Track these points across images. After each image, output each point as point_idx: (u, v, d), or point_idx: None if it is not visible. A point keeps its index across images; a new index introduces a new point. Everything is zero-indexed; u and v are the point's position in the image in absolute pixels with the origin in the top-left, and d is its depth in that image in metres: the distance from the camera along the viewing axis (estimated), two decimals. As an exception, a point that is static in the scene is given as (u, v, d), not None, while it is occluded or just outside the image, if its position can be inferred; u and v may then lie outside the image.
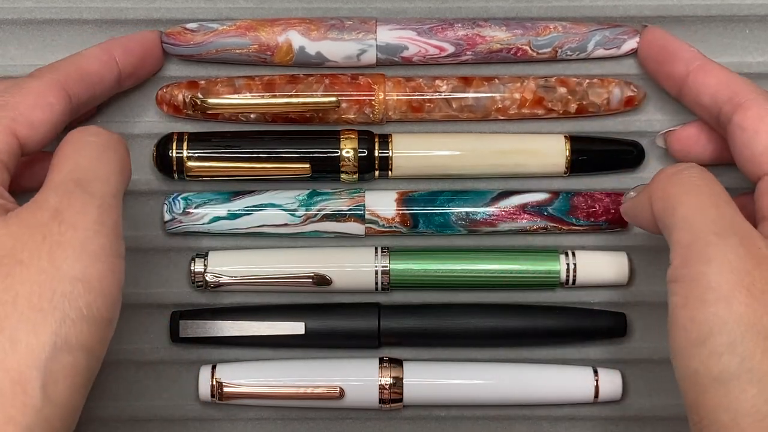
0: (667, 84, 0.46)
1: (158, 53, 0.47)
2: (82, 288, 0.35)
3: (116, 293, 0.37)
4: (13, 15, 0.47)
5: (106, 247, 0.36)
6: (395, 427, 0.48)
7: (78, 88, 0.43)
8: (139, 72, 0.46)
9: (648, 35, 0.46)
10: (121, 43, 0.45)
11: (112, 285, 0.36)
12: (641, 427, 0.48)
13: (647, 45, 0.46)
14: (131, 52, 0.45)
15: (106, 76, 0.44)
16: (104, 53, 0.45)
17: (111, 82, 0.45)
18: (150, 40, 0.46)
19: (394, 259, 0.47)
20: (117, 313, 0.37)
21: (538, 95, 0.46)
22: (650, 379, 0.48)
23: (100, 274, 0.36)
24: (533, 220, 0.47)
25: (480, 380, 0.47)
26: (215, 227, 0.47)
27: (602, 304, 0.48)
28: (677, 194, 0.39)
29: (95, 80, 0.44)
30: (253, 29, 0.46)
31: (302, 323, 0.46)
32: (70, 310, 0.35)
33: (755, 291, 0.35)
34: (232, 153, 0.46)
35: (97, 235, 0.36)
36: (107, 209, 0.37)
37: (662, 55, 0.45)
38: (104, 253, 0.36)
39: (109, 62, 0.45)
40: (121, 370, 0.48)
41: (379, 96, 0.46)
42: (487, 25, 0.46)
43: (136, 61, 0.45)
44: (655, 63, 0.46)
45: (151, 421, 0.48)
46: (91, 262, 0.36)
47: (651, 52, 0.46)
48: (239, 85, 0.46)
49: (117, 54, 0.45)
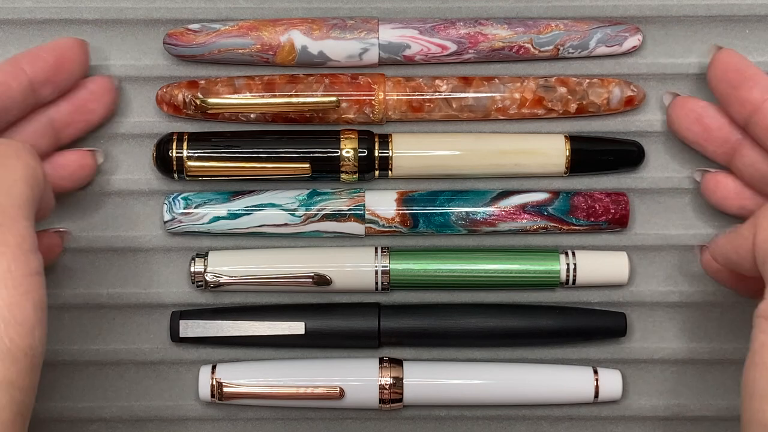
0: (737, 109, 0.44)
1: (76, 58, 0.45)
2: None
3: (33, 317, 0.34)
4: (13, 15, 0.47)
5: (13, 270, 0.34)
6: (395, 427, 0.48)
7: None
8: (56, 78, 0.45)
9: (723, 57, 0.45)
10: (30, 52, 0.44)
11: (27, 309, 0.34)
12: (641, 427, 0.48)
13: (722, 66, 0.45)
14: (41, 59, 0.44)
15: (13, 84, 0.43)
16: (9, 64, 0.44)
17: (21, 89, 0.43)
18: (64, 47, 0.45)
19: (394, 259, 0.47)
20: (38, 338, 0.35)
21: (538, 95, 0.46)
22: (650, 379, 0.48)
23: (9, 301, 0.34)
24: (533, 220, 0.47)
25: (480, 380, 0.47)
26: (215, 227, 0.47)
27: (602, 304, 0.48)
28: None
29: (1, 90, 0.42)
30: (255, 29, 0.46)
31: (302, 323, 0.46)
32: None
33: None
34: (232, 153, 0.46)
35: (1, 258, 0.34)
36: (10, 225, 0.35)
37: (737, 79, 0.44)
38: (11, 276, 0.34)
39: (15, 72, 0.43)
40: (121, 370, 0.48)
41: (379, 96, 0.46)
42: (489, 24, 0.46)
43: (49, 67, 0.44)
44: (727, 86, 0.45)
45: (151, 421, 0.48)
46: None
47: (725, 75, 0.45)
48: (239, 84, 0.46)
49: (24, 63, 0.44)
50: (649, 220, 0.48)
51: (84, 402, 0.48)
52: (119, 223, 0.47)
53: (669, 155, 0.47)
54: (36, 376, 0.35)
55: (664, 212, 0.48)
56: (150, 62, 0.47)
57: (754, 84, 0.44)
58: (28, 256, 0.35)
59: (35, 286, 0.35)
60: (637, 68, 0.47)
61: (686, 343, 0.48)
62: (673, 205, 0.48)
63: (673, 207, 0.48)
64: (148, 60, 0.47)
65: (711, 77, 0.45)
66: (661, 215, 0.48)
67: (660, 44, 0.47)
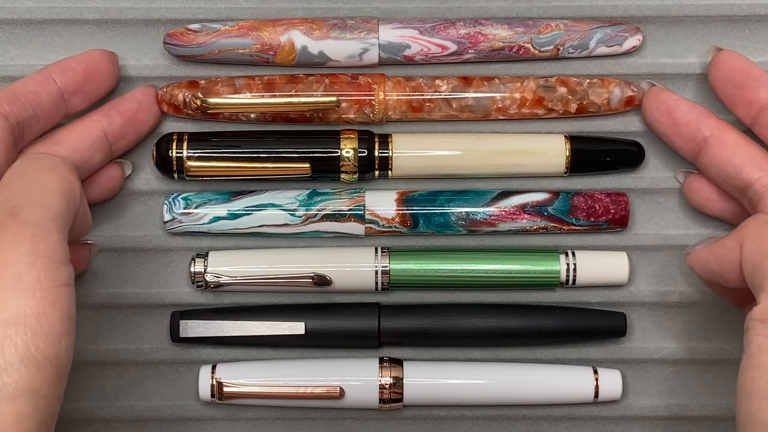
0: (743, 110, 0.45)
1: (105, 69, 0.46)
2: (17, 329, 0.33)
3: (60, 327, 0.35)
4: (13, 15, 0.47)
5: (42, 280, 0.34)
6: (395, 427, 0.48)
7: (11, 108, 0.42)
8: (86, 89, 0.45)
9: (726, 58, 0.45)
10: (60, 63, 0.45)
11: (54, 319, 0.34)
12: (641, 427, 0.48)
13: (725, 68, 0.45)
14: (71, 70, 0.45)
15: (43, 94, 0.44)
16: (40, 74, 0.44)
17: (51, 99, 0.44)
18: (93, 58, 0.46)
19: (394, 259, 0.47)
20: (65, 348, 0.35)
21: (539, 95, 0.46)
22: (650, 379, 0.48)
23: (37, 310, 0.34)
24: (533, 220, 0.47)
25: (480, 380, 0.47)
26: (215, 227, 0.47)
27: (602, 304, 0.48)
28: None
29: (32, 98, 0.43)
30: (255, 29, 0.46)
31: (302, 323, 0.46)
32: (5, 354, 0.33)
33: None
34: (232, 153, 0.46)
35: (31, 268, 0.34)
36: (43, 236, 0.35)
37: (742, 79, 0.44)
38: (40, 286, 0.34)
39: (46, 81, 0.44)
40: (121, 370, 0.48)
41: (379, 96, 0.46)
42: (489, 24, 0.46)
43: (78, 77, 0.45)
44: (732, 87, 0.45)
45: (151, 421, 0.48)
46: (25, 300, 0.34)
47: (729, 76, 0.45)
48: (239, 84, 0.46)
49: (54, 74, 0.44)
50: (649, 220, 0.48)
51: (84, 402, 0.47)
52: (119, 223, 0.47)
53: (669, 155, 0.47)
54: (62, 385, 0.35)
55: (664, 212, 0.48)
56: (150, 62, 0.47)
57: (761, 84, 0.44)
58: (58, 266, 0.35)
59: (64, 296, 0.35)
60: (637, 68, 0.47)
61: (686, 343, 0.48)
62: (673, 205, 0.48)
63: (673, 207, 0.48)
64: (148, 60, 0.47)
65: (713, 79, 0.45)
66: (661, 215, 0.48)
67: (660, 44, 0.48)
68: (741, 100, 0.44)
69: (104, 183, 0.46)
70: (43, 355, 0.34)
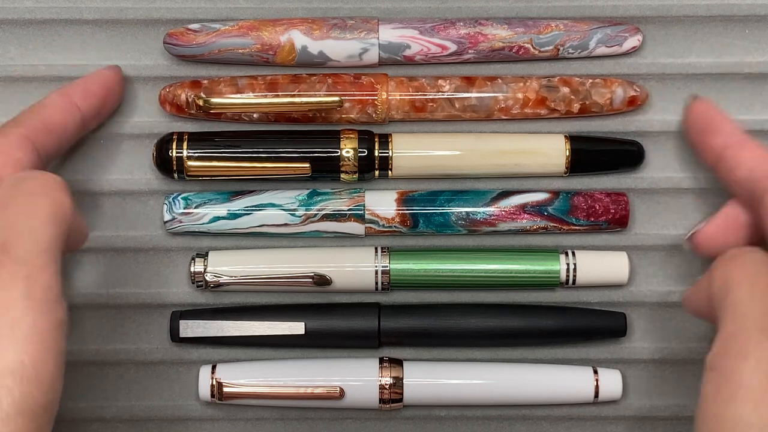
0: (705, 155, 0.45)
1: (119, 90, 0.46)
2: (14, 379, 0.33)
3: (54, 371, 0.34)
4: (13, 15, 0.47)
5: (38, 324, 0.33)
6: (395, 427, 0.48)
7: (44, 140, 0.42)
8: (103, 111, 0.46)
9: (696, 106, 0.46)
10: (80, 86, 0.45)
11: (49, 365, 0.34)
12: (641, 427, 0.48)
13: (694, 115, 0.46)
14: (92, 94, 0.45)
15: (70, 124, 0.44)
16: (64, 100, 0.44)
17: (75, 128, 0.44)
18: (110, 79, 0.46)
19: (394, 259, 0.47)
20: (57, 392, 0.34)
21: (541, 95, 0.46)
22: (650, 379, 0.48)
23: (34, 357, 0.33)
24: (533, 220, 0.47)
25: (480, 380, 0.47)
26: (215, 227, 0.47)
27: (602, 304, 0.48)
28: (736, 278, 0.37)
29: (59, 130, 0.43)
30: (255, 29, 0.46)
31: (302, 323, 0.46)
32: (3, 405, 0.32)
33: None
34: (232, 153, 0.46)
35: (27, 313, 0.33)
36: (37, 276, 0.34)
37: (705, 125, 0.45)
38: (36, 332, 0.33)
39: (71, 109, 0.44)
40: (121, 370, 0.48)
41: (381, 96, 0.46)
42: (488, 24, 0.46)
43: (98, 101, 0.45)
44: (696, 133, 0.45)
45: (151, 421, 0.48)
46: (22, 348, 0.33)
47: (694, 121, 0.45)
48: (242, 84, 0.46)
49: (77, 99, 0.44)
50: (649, 220, 0.48)
51: (84, 402, 0.47)
52: (119, 223, 0.47)
53: (669, 155, 0.47)
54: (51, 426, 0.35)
55: (664, 212, 0.48)
56: (150, 62, 0.47)
57: (718, 131, 0.44)
58: (53, 307, 0.34)
59: (58, 338, 0.34)
60: (637, 68, 0.47)
61: (686, 343, 0.48)
62: (673, 205, 0.48)
63: (673, 207, 0.48)
64: (148, 60, 0.47)
65: (684, 124, 0.46)
66: (661, 215, 0.48)
67: (660, 44, 0.48)
68: (702, 146, 0.45)
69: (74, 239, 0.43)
70: (38, 403, 0.33)
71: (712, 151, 0.44)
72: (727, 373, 0.35)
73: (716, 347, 0.36)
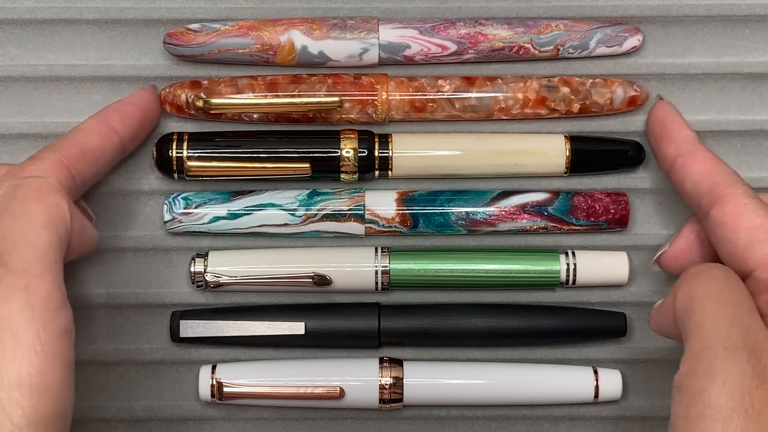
0: (660, 163, 0.45)
1: (157, 110, 0.46)
2: (22, 392, 0.33)
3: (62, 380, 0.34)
4: (13, 15, 0.47)
5: (42, 335, 0.33)
6: (395, 427, 0.48)
7: (80, 167, 0.41)
8: (140, 134, 0.45)
9: (655, 110, 0.46)
10: (117, 109, 0.44)
11: (56, 373, 0.34)
12: (641, 427, 0.48)
13: (651, 119, 0.46)
14: (130, 118, 0.44)
15: (108, 148, 0.43)
16: (102, 125, 0.43)
17: (113, 152, 0.44)
18: (147, 101, 0.45)
19: (394, 259, 0.47)
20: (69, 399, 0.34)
21: (541, 95, 0.46)
22: (650, 379, 0.48)
23: (40, 368, 0.33)
24: (533, 220, 0.47)
25: (480, 380, 0.47)
26: (215, 227, 0.47)
27: (602, 304, 0.48)
28: (699, 296, 0.37)
29: (97, 155, 0.43)
30: (255, 29, 0.46)
31: (302, 323, 0.46)
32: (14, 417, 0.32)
33: (752, 412, 0.34)
34: (232, 153, 0.46)
35: (29, 324, 0.33)
36: (36, 286, 0.34)
37: (659, 132, 0.45)
38: (40, 342, 0.33)
39: (109, 134, 0.43)
40: (121, 370, 0.48)
41: (382, 96, 0.46)
42: (489, 24, 0.46)
43: (137, 124, 0.45)
44: (653, 139, 0.46)
45: (151, 421, 0.48)
46: (27, 359, 0.33)
47: (652, 128, 0.46)
48: (242, 85, 0.46)
49: (115, 123, 0.44)
50: (649, 220, 0.48)
51: (84, 402, 0.47)
52: (119, 223, 0.47)
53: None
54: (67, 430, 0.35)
55: (664, 212, 0.48)
56: (150, 62, 0.47)
57: (671, 139, 0.44)
58: (55, 315, 0.34)
59: (65, 346, 0.34)
60: (638, 68, 0.47)
61: (686, 343, 0.48)
62: (673, 205, 0.48)
63: (673, 207, 0.48)
64: (148, 60, 0.47)
65: (646, 128, 0.47)
66: (661, 215, 0.48)
67: (660, 44, 0.48)
68: (657, 154, 0.45)
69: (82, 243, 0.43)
70: (49, 413, 0.33)
71: (665, 160, 0.45)
72: (696, 393, 0.35)
73: (683, 367, 0.36)
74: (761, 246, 0.39)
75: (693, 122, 0.46)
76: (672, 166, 0.44)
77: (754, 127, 0.47)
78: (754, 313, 0.37)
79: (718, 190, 0.41)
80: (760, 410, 0.34)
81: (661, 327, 0.41)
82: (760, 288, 0.38)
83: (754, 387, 0.34)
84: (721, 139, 0.48)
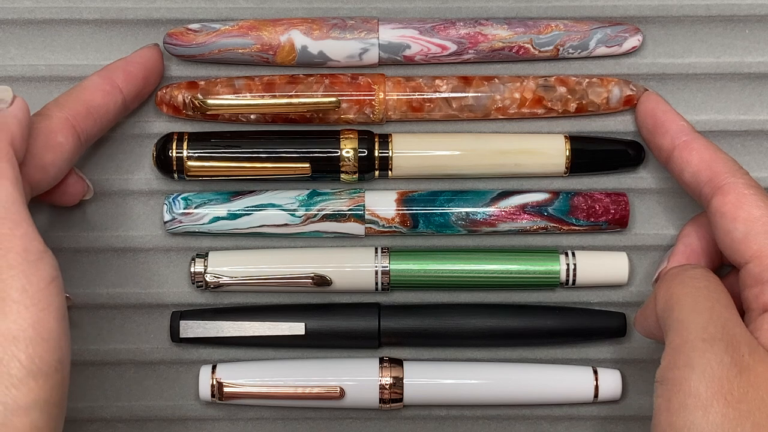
0: (656, 154, 0.46)
1: (160, 68, 0.46)
2: (18, 345, 0.33)
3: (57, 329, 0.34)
4: (13, 15, 0.47)
5: (28, 288, 0.34)
6: (395, 427, 0.48)
7: (85, 124, 0.42)
8: (144, 92, 0.46)
9: (643, 102, 0.46)
10: (121, 68, 0.45)
11: (50, 323, 0.34)
12: (641, 427, 0.48)
13: (641, 112, 0.46)
14: (133, 76, 0.45)
15: (111, 106, 0.44)
16: (106, 82, 0.44)
17: (117, 110, 0.44)
18: (151, 59, 0.46)
19: (394, 259, 0.47)
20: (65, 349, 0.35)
21: (538, 95, 0.46)
22: (650, 379, 0.47)
23: (32, 320, 0.33)
24: (533, 220, 0.47)
25: (480, 380, 0.47)
26: (215, 227, 0.47)
27: (602, 304, 0.48)
28: (677, 294, 0.39)
29: (102, 113, 0.43)
30: (255, 29, 0.46)
31: (302, 323, 0.46)
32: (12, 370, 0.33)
33: (732, 400, 0.35)
34: (232, 153, 0.46)
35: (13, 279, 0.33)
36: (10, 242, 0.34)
37: (652, 124, 0.45)
38: (28, 295, 0.33)
39: (113, 91, 0.44)
40: (121, 370, 0.48)
41: (379, 96, 0.46)
42: (489, 24, 0.46)
43: (140, 83, 0.45)
44: (646, 132, 0.46)
45: (151, 421, 0.48)
46: (18, 313, 0.33)
47: (644, 121, 0.46)
48: (239, 85, 0.46)
49: (119, 81, 0.44)
50: (649, 220, 0.48)
51: (84, 402, 0.48)
52: (119, 223, 0.47)
53: None
54: (67, 387, 0.35)
55: (664, 212, 0.48)
56: (150, 62, 0.47)
57: (665, 131, 0.45)
58: (37, 265, 0.34)
59: (54, 295, 0.34)
60: (637, 68, 0.47)
61: (686, 343, 0.48)
62: (673, 205, 0.48)
63: (673, 207, 0.48)
64: (148, 60, 0.47)
65: (636, 121, 0.47)
66: (661, 215, 0.48)
67: (660, 44, 0.48)
68: (653, 147, 0.46)
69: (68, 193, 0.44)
70: (47, 363, 0.34)
71: (661, 152, 0.45)
72: (676, 384, 0.36)
73: (664, 361, 0.37)
74: (757, 239, 0.40)
75: (693, 122, 0.46)
76: (669, 157, 0.44)
77: (754, 127, 0.47)
78: (731, 308, 0.38)
79: (719, 180, 0.42)
80: (739, 398, 0.35)
81: (645, 328, 0.42)
82: (751, 281, 0.39)
83: (733, 376, 0.35)
84: (721, 139, 0.48)
